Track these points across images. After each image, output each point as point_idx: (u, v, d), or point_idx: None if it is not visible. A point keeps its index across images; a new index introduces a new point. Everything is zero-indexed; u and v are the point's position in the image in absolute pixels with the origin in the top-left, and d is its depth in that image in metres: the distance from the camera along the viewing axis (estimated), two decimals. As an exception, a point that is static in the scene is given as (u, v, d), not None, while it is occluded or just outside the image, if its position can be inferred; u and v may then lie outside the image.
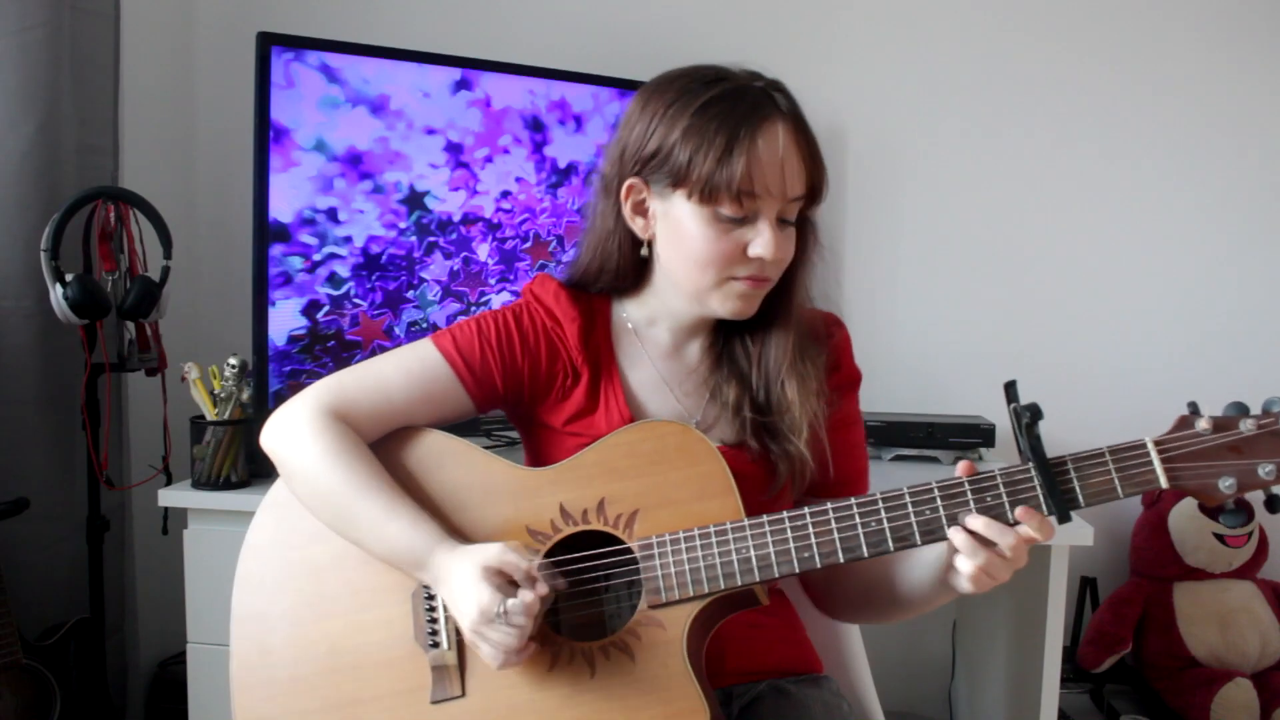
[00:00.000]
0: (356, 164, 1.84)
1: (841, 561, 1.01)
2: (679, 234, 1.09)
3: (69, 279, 1.74)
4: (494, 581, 1.00)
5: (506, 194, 1.98)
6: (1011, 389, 1.03)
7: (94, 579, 1.89)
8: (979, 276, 2.31)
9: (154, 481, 1.88)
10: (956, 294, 2.32)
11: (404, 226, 1.89)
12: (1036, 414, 0.97)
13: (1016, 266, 2.30)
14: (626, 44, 2.26)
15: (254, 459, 1.76)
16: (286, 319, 1.81)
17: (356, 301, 1.87)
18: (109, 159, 2.01)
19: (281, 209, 1.78)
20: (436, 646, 1.07)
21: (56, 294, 1.74)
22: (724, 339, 1.19)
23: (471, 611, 1.00)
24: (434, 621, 1.07)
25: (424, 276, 1.93)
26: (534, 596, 0.99)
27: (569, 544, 1.08)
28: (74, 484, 1.92)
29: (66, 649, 1.84)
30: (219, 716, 1.55)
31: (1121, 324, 2.29)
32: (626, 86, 2.06)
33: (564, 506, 1.08)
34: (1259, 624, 2.15)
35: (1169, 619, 2.18)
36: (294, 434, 1.10)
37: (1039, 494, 0.97)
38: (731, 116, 1.04)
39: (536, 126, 1.99)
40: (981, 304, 2.31)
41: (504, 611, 0.98)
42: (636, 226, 1.13)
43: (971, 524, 0.97)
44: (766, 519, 1.03)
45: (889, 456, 2.07)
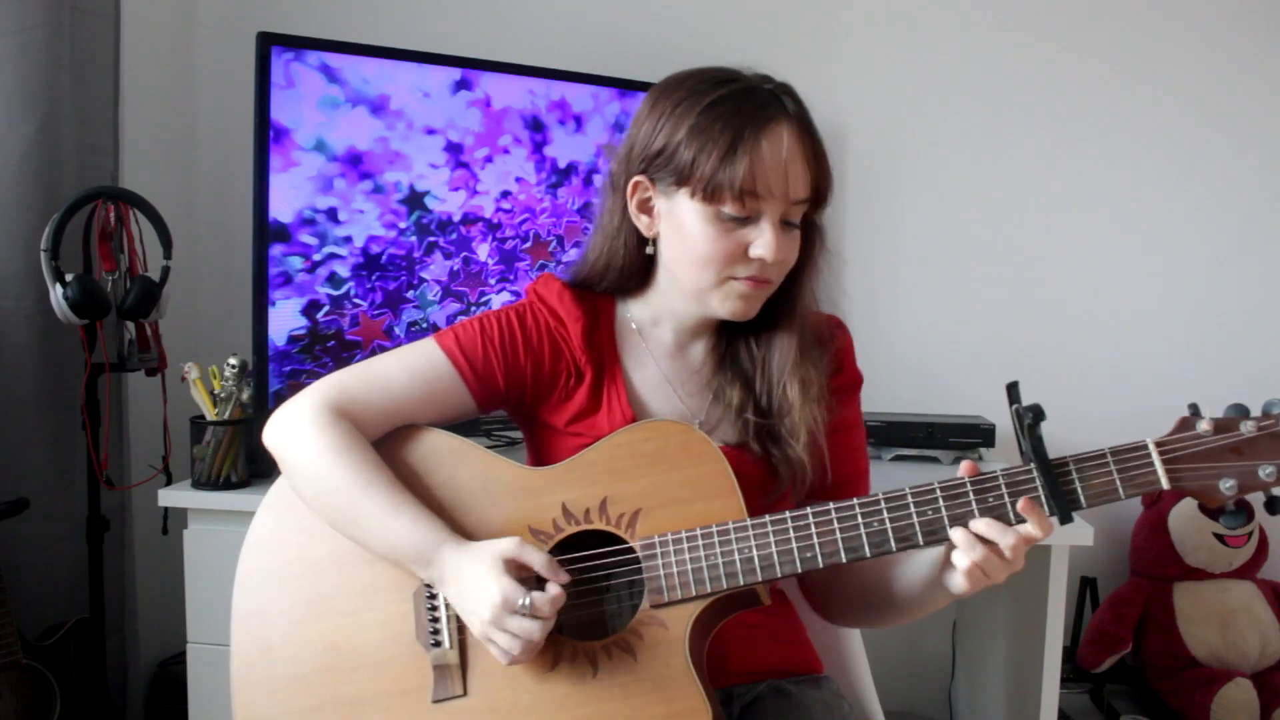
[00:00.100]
0: (356, 164, 1.84)
1: (844, 561, 1.01)
2: (682, 232, 1.09)
3: (69, 279, 1.74)
4: (514, 573, 1.00)
5: (506, 194, 1.98)
6: (1014, 390, 1.03)
7: (94, 579, 1.89)
8: (979, 276, 2.31)
9: (154, 481, 1.88)
10: (956, 294, 2.32)
11: (404, 226, 1.89)
12: (1039, 415, 0.98)
13: (1016, 266, 2.30)
14: (626, 44, 2.26)
15: (254, 459, 1.76)
16: (286, 319, 1.81)
17: (356, 301, 1.87)
18: (109, 159, 2.01)
19: (281, 209, 1.78)
20: (438, 645, 1.07)
21: (56, 294, 1.74)
22: (728, 341, 1.19)
23: (493, 602, 0.99)
24: (435, 620, 1.07)
25: (424, 276, 1.93)
26: (559, 589, 1.00)
27: (571, 543, 1.08)
28: (74, 484, 1.92)
29: (66, 649, 1.84)
30: (219, 716, 1.55)
31: (1122, 324, 2.29)
32: (626, 86, 2.06)
33: (566, 506, 1.08)
34: (1259, 624, 2.15)
35: (1169, 619, 2.18)
36: (297, 431, 1.10)
37: (1041, 495, 0.97)
38: (737, 116, 1.04)
39: (536, 126, 1.99)
40: (981, 304, 2.31)
41: (528, 603, 0.98)
42: (642, 224, 1.14)
43: (974, 525, 0.98)
44: (769, 519, 1.03)
45: (889, 456, 2.07)
